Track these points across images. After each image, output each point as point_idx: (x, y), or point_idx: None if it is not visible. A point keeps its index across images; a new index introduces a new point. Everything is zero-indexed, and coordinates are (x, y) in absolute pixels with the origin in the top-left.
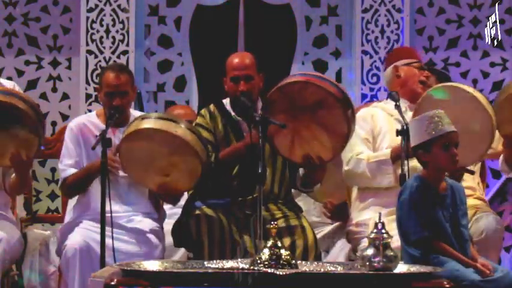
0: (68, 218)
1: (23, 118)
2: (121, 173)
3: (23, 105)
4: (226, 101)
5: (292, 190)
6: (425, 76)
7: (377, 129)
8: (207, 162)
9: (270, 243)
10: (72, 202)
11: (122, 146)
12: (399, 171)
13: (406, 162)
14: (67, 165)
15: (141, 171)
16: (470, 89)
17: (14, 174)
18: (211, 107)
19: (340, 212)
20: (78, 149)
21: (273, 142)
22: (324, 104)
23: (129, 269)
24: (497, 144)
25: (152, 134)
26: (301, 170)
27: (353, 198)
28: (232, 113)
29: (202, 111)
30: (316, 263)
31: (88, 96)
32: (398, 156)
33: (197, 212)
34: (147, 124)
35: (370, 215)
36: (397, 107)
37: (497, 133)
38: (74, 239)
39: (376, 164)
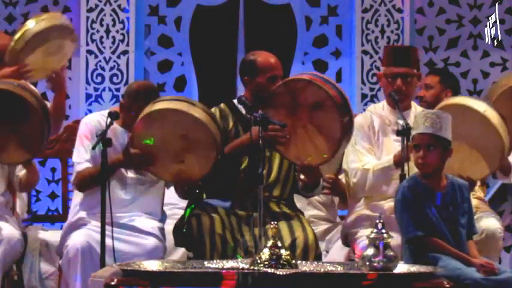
0: (71, 217)
1: (29, 111)
2: (129, 173)
3: (33, 101)
4: (235, 101)
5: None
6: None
7: (374, 138)
8: (221, 145)
9: (270, 243)
10: (75, 201)
11: (136, 133)
12: None
13: (406, 163)
14: (83, 160)
15: (156, 162)
16: (481, 108)
17: (23, 171)
18: (222, 105)
19: (337, 187)
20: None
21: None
22: (323, 106)
23: (129, 269)
24: None
25: (166, 115)
26: (301, 174)
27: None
28: (243, 112)
29: (213, 109)
30: (316, 263)
31: (88, 96)
32: (401, 161)
33: (198, 211)
34: (160, 105)
35: (367, 214)
36: (397, 107)
37: None
38: (76, 239)
39: (381, 172)
